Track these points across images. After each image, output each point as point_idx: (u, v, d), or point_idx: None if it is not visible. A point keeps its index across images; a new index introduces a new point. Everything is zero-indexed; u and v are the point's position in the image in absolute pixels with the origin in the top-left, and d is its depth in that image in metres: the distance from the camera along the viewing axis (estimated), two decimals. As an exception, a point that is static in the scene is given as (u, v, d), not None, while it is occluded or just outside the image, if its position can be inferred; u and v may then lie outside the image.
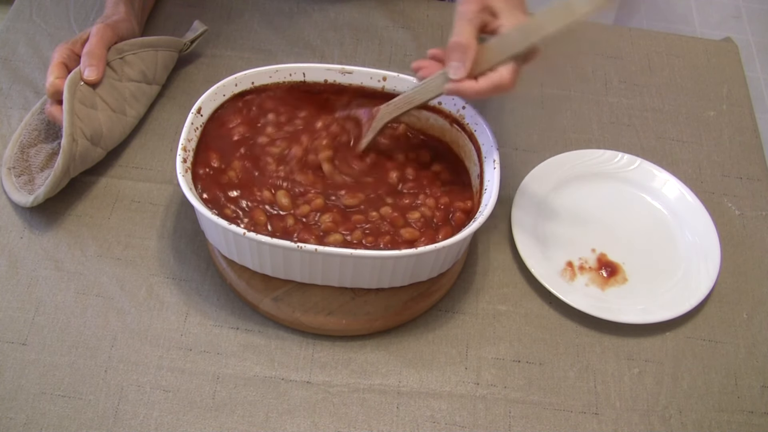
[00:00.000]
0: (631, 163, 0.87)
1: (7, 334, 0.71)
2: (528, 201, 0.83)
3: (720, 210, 0.86)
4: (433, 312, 0.76)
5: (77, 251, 0.77)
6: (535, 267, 0.78)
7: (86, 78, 0.78)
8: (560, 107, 0.94)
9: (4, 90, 0.88)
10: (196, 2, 0.99)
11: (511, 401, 0.71)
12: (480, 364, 0.73)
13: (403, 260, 0.68)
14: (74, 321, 0.72)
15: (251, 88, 0.78)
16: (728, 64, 1.01)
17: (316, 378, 0.71)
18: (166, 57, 0.87)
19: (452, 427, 0.69)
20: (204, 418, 0.68)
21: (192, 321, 0.73)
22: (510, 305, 0.77)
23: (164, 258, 0.77)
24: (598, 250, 0.81)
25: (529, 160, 0.87)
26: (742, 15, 2.33)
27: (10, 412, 0.67)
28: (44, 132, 0.83)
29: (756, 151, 0.92)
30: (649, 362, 0.75)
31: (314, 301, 0.73)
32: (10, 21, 0.95)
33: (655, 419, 0.71)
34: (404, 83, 0.79)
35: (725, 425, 0.71)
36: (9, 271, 0.75)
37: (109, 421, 0.67)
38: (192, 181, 0.70)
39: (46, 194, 0.76)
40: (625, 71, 0.99)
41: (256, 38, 0.96)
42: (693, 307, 0.77)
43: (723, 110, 0.96)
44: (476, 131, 0.77)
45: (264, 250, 0.69)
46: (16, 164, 0.80)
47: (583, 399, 0.72)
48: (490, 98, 0.92)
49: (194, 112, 0.74)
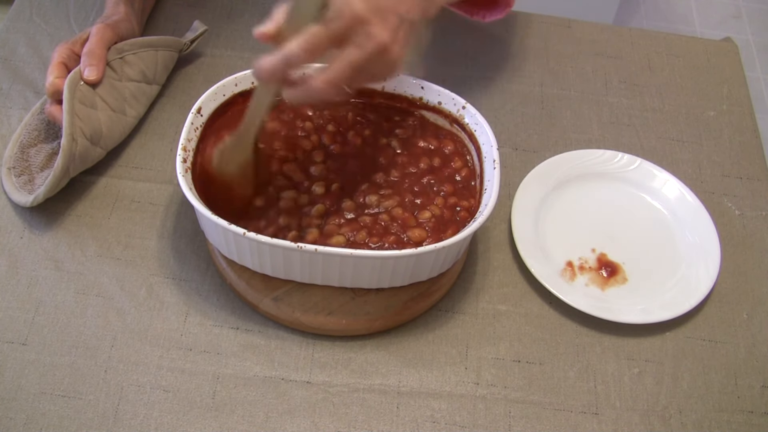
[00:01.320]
0: (631, 163, 0.87)
1: (7, 334, 0.71)
2: (528, 201, 0.83)
3: (720, 210, 0.86)
4: (433, 312, 0.76)
5: (77, 251, 0.77)
6: (535, 267, 0.78)
7: (86, 78, 0.78)
8: (560, 107, 0.94)
9: (4, 90, 0.88)
10: (196, 2, 0.99)
11: (511, 401, 0.71)
12: (480, 364, 0.73)
13: (403, 260, 0.68)
14: (74, 321, 0.72)
15: (251, 88, 0.78)
16: (728, 64, 1.01)
17: (316, 378, 0.71)
18: (166, 57, 0.87)
19: (452, 427, 0.69)
20: (204, 418, 0.68)
21: (192, 321, 0.73)
22: (510, 305, 0.77)
23: (164, 258, 0.77)
24: (598, 250, 0.81)
25: (529, 160, 0.87)
26: (742, 15, 2.33)
27: (10, 412, 0.67)
28: (44, 132, 0.83)
29: (756, 151, 0.92)
30: (649, 362, 0.75)
31: (314, 301, 0.73)
32: (10, 21, 0.95)
33: (655, 419, 0.71)
34: (404, 83, 0.79)
35: (725, 425, 0.71)
36: (9, 271, 0.75)
37: (109, 421, 0.67)
38: (192, 181, 0.70)
39: (46, 194, 0.76)
40: (625, 71, 0.99)
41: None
42: (693, 307, 0.77)
43: (723, 110, 0.96)
44: (476, 131, 0.77)
45: (264, 250, 0.69)
46: (16, 164, 0.80)
47: (583, 399, 0.72)
48: (490, 97, 0.93)
49: (194, 112, 0.74)
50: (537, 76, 0.97)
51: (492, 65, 0.97)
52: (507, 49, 0.99)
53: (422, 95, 0.79)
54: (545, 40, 1.01)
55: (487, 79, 0.95)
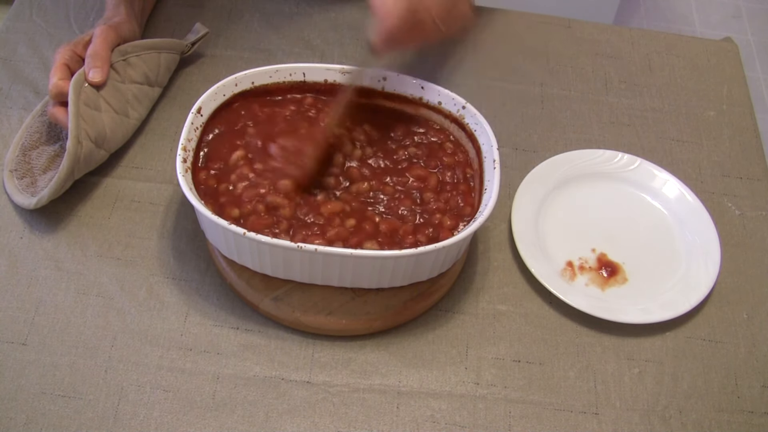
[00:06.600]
0: (631, 163, 0.87)
1: (7, 334, 0.71)
2: (528, 201, 0.83)
3: (720, 210, 0.86)
4: (433, 312, 0.76)
5: (77, 251, 0.77)
6: (535, 267, 0.78)
7: (91, 79, 0.78)
8: (560, 107, 0.94)
9: (4, 90, 0.88)
10: (196, 3, 0.99)
11: (511, 401, 0.71)
12: (480, 364, 0.73)
13: (403, 260, 0.68)
14: (74, 321, 0.72)
15: (251, 88, 0.78)
16: (728, 64, 1.01)
17: (316, 378, 0.71)
18: (168, 59, 0.88)
19: (452, 427, 0.69)
20: (204, 418, 0.68)
21: (192, 321, 0.73)
22: (510, 305, 0.77)
23: (164, 258, 0.77)
24: (598, 250, 0.81)
25: (529, 160, 0.87)
26: (742, 15, 2.33)
27: (10, 412, 0.67)
28: (46, 134, 0.83)
29: (756, 151, 0.92)
30: (649, 362, 0.75)
31: (314, 301, 0.73)
32: (10, 21, 0.95)
33: (655, 419, 0.71)
34: (404, 83, 0.79)
35: (725, 425, 0.71)
36: (9, 271, 0.75)
37: (109, 421, 0.67)
38: (192, 181, 0.70)
39: (50, 196, 0.76)
40: (625, 71, 0.99)
41: (256, 38, 0.96)
42: (693, 307, 0.77)
43: (723, 110, 0.96)
44: (476, 131, 0.77)
45: (264, 250, 0.69)
46: (18, 167, 0.80)
47: (583, 399, 0.72)
48: (490, 97, 0.93)
49: (194, 112, 0.74)
50: (537, 76, 0.97)
51: (492, 65, 0.97)
52: (507, 49, 0.99)
53: (422, 95, 0.80)
54: (545, 40, 1.01)
55: (487, 79, 0.95)
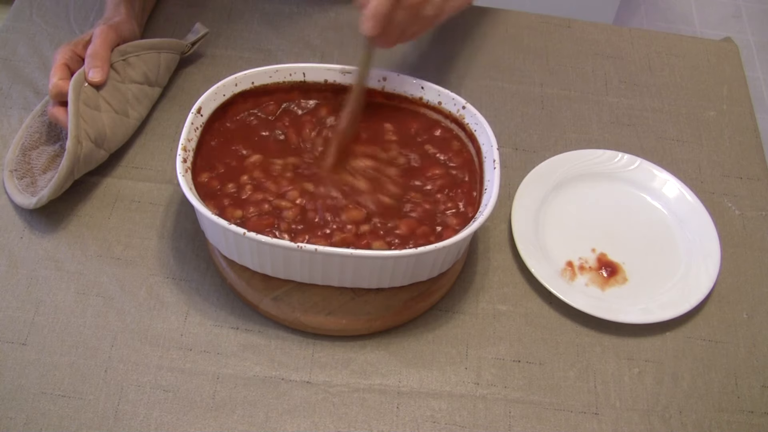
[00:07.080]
0: (631, 163, 0.87)
1: (7, 334, 0.71)
2: (528, 201, 0.83)
3: (720, 210, 0.86)
4: (433, 312, 0.76)
5: (77, 251, 0.77)
6: (535, 267, 0.78)
7: (91, 79, 0.78)
8: (560, 107, 0.94)
9: (4, 90, 0.88)
10: (196, 3, 0.99)
11: (511, 401, 0.71)
12: (480, 364, 0.73)
13: (403, 260, 0.68)
14: (74, 321, 0.72)
15: (251, 88, 0.78)
16: (728, 64, 1.01)
17: (316, 378, 0.71)
18: (168, 59, 0.87)
19: (452, 427, 0.69)
20: (204, 418, 0.68)
21: (192, 321, 0.73)
22: (510, 305, 0.77)
23: (164, 258, 0.77)
24: (598, 250, 0.81)
25: (529, 160, 0.87)
26: (742, 15, 2.33)
27: (10, 412, 0.67)
28: (46, 134, 0.83)
29: (756, 151, 0.92)
30: (649, 362, 0.75)
31: (314, 301, 0.73)
32: (10, 21, 0.95)
33: (655, 419, 0.71)
34: (404, 83, 0.79)
35: (725, 425, 0.72)
36: (9, 271, 0.75)
37: (109, 421, 0.67)
38: (192, 181, 0.70)
39: (50, 196, 0.76)
40: (625, 71, 0.99)
41: (256, 38, 0.96)
42: (693, 307, 0.77)
43: (723, 110, 0.96)
44: (476, 131, 0.77)
45: (264, 250, 0.69)
46: (18, 167, 0.80)
47: (583, 399, 0.72)
48: (490, 97, 0.93)
49: (194, 112, 0.74)
50: (537, 76, 0.97)
51: (492, 65, 0.97)
52: (507, 49, 0.99)
53: (422, 95, 0.80)
54: (545, 40, 1.01)
55: (487, 79, 0.95)
